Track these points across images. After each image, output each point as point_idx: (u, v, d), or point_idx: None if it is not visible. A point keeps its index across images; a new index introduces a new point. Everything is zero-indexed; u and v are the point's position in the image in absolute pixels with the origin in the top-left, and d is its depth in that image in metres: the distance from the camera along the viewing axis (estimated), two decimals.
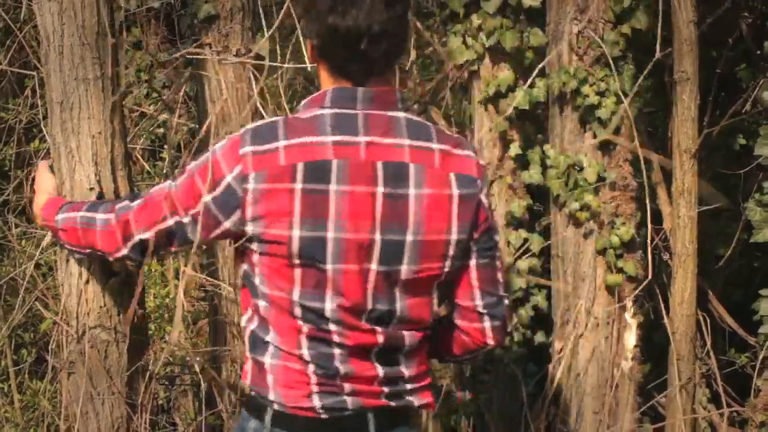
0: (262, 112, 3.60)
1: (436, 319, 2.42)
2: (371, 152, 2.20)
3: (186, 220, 2.32)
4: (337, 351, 2.26)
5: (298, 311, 2.24)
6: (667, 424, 4.30)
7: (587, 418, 4.24)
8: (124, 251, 2.47)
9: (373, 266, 2.22)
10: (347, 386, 2.27)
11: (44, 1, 2.94)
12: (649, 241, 4.01)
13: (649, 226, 4.02)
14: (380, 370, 2.29)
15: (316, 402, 2.27)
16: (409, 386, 2.34)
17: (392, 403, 2.32)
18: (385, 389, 2.31)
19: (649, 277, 4.04)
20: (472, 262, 2.34)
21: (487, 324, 2.40)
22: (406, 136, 2.23)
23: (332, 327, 2.24)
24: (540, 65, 4.10)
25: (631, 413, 4.27)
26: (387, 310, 2.26)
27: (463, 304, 2.39)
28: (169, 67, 5.76)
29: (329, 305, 2.23)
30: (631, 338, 4.23)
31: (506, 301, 2.42)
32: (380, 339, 2.27)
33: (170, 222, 2.35)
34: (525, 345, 4.41)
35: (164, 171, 5.35)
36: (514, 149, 4.33)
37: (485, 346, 2.44)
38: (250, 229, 2.23)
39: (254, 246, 2.25)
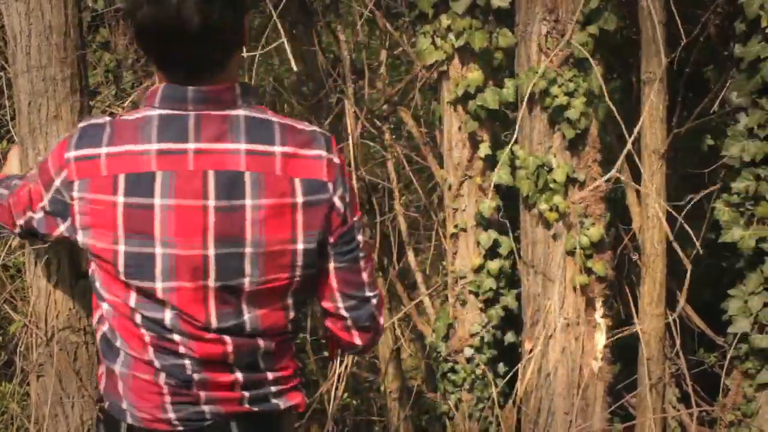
0: None
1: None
2: (201, 161, 2.02)
3: (37, 216, 2.24)
4: (186, 361, 2.11)
5: (138, 319, 2.10)
6: (637, 424, 4.32)
7: (557, 417, 4.25)
8: (17, 231, 2.39)
9: (210, 283, 2.06)
10: (203, 395, 2.14)
11: (11, 1, 2.91)
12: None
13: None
14: (240, 376, 2.15)
15: (171, 414, 2.13)
16: (273, 389, 2.20)
17: (255, 408, 2.18)
18: (247, 394, 2.17)
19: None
20: (331, 266, 2.18)
21: (351, 326, 2.25)
22: (244, 140, 2.04)
23: (176, 337, 2.10)
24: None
25: (602, 413, 4.29)
26: (234, 323, 2.11)
27: (325, 306, 2.24)
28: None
29: (169, 315, 2.08)
30: (600, 338, 4.24)
31: (374, 301, 2.26)
32: (230, 348, 2.12)
33: (27, 215, 2.28)
34: (495, 345, 4.42)
35: None
36: (484, 149, 4.33)
37: (355, 346, 2.30)
38: (80, 239, 2.10)
39: (89, 254, 2.13)
